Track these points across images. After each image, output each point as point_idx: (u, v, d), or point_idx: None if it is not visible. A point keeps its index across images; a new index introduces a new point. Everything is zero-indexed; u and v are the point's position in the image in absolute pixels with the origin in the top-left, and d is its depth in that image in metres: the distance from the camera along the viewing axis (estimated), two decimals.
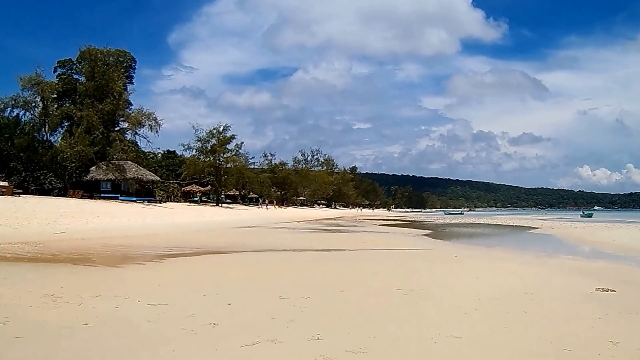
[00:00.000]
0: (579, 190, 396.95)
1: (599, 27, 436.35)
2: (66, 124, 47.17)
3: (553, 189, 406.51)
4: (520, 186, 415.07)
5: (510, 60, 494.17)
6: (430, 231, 32.06)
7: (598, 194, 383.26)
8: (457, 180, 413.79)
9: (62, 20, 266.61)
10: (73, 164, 44.48)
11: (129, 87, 54.39)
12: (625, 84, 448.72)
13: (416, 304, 6.96)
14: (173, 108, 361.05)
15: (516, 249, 19.10)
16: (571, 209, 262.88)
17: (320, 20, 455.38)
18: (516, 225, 44.02)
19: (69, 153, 42.80)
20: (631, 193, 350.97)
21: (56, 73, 51.00)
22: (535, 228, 38.05)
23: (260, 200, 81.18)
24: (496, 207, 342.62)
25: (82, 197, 42.00)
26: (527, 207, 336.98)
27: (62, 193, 43.30)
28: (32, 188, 45.35)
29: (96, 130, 43.69)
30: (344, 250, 15.46)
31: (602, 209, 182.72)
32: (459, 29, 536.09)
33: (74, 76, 49.25)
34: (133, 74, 58.70)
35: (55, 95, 48.33)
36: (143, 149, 58.97)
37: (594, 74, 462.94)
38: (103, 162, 46.29)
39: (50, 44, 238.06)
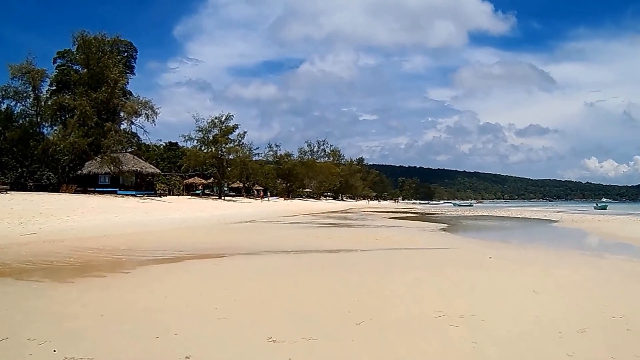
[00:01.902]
0: (587, 182, 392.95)
1: (609, 20, 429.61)
2: (63, 116, 45.02)
3: (560, 180, 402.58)
4: (528, 178, 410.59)
5: (518, 51, 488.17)
6: (445, 225, 29.63)
7: (605, 185, 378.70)
8: (464, 171, 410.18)
9: (67, 13, 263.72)
10: (66, 157, 42.30)
11: (130, 77, 52.37)
12: (634, 77, 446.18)
13: (476, 347, 4.60)
14: (179, 101, 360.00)
15: (552, 247, 16.70)
16: (579, 200, 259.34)
17: (327, 11, 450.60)
18: (535, 219, 41.47)
19: (61, 145, 40.65)
20: (639, 185, 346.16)
21: (55, 64, 49.10)
22: (557, 221, 35.56)
23: (256, 192, 78.93)
24: (503, 198, 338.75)
25: (75, 192, 39.89)
26: (534, 199, 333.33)
27: (57, 188, 41.18)
28: (30, 184, 43.38)
29: (90, 121, 41.39)
30: (356, 250, 13.08)
31: (610, 200, 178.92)
32: (467, 21, 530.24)
33: (74, 67, 47.01)
34: (134, 64, 56.54)
35: (54, 87, 46.31)
36: (144, 142, 56.91)
37: (603, 66, 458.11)
38: (99, 155, 44.05)
39: (54, 37, 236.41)
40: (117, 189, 45.86)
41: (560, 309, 6.27)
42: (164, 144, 73.39)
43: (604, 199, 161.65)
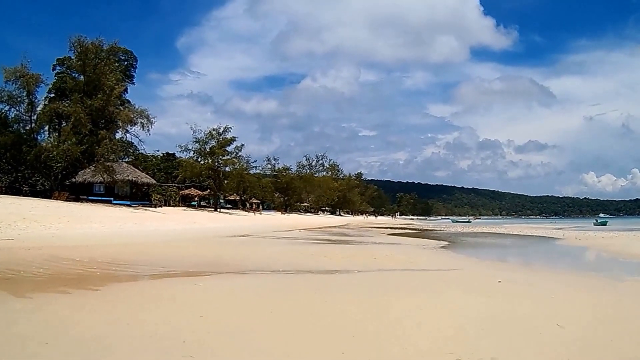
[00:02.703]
0: (585, 198, 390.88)
1: (610, 30, 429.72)
2: (59, 123, 44.23)
3: (558, 196, 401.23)
4: (526, 194, 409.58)
5: (519, 66, 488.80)
6: (445, 242, 28.61)
7: (603, 201, 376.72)
8: (463, 187, 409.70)
9: (71, 22, 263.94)
10: (59, 164, 41.36)
11: (130, 86, 52.01)
12: (634, 88, 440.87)
13: None
14: (180, 113, 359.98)
15: (562, 267, 15.73)
16: (576, 217, 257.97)
17: (329, 27, 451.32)
18: (537, 236, 40.42)
19: (54, 152, 39.73)
20: (637, 199, 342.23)
21: (55, 71, 48.56)
22: (559, 239, 34.51)
23: (249, 206, 77.84)
24: (501, 215, 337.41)
25: (67, 200, 38.92)
26: (532, 215, 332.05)
27: (49, 195, 40.22)
28: (26, 189, 42.52)
29: (84, 128, 40.54)
30: (353, 272, 12.07)
31: (608, 216, 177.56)
32: (469, 37, 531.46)
33: (72, 74, 46.36)
34: (134, 73, 56.14)
35: (52, 95, 45.59)
36: (142, 151, 56.29)
37: (602, 79, 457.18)
38: (93, 164, 43.15)
39: (57, 45, 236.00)
40: (112, 199, 44.99)
41: (593, 350, 5.30)
42: (161, 154, 72.63)
43: (601, 215, 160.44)
